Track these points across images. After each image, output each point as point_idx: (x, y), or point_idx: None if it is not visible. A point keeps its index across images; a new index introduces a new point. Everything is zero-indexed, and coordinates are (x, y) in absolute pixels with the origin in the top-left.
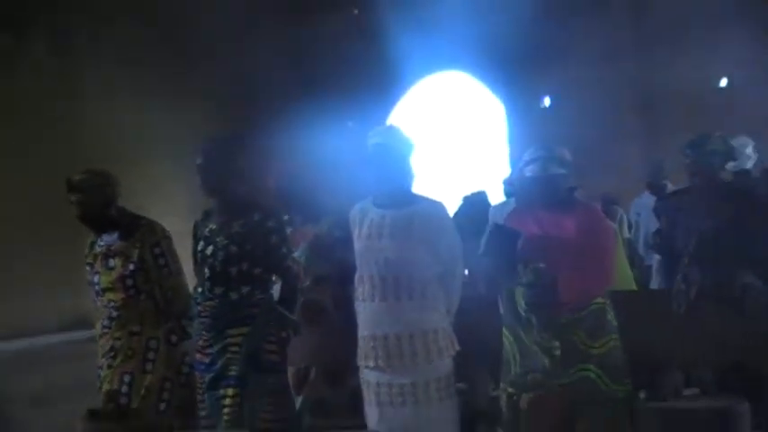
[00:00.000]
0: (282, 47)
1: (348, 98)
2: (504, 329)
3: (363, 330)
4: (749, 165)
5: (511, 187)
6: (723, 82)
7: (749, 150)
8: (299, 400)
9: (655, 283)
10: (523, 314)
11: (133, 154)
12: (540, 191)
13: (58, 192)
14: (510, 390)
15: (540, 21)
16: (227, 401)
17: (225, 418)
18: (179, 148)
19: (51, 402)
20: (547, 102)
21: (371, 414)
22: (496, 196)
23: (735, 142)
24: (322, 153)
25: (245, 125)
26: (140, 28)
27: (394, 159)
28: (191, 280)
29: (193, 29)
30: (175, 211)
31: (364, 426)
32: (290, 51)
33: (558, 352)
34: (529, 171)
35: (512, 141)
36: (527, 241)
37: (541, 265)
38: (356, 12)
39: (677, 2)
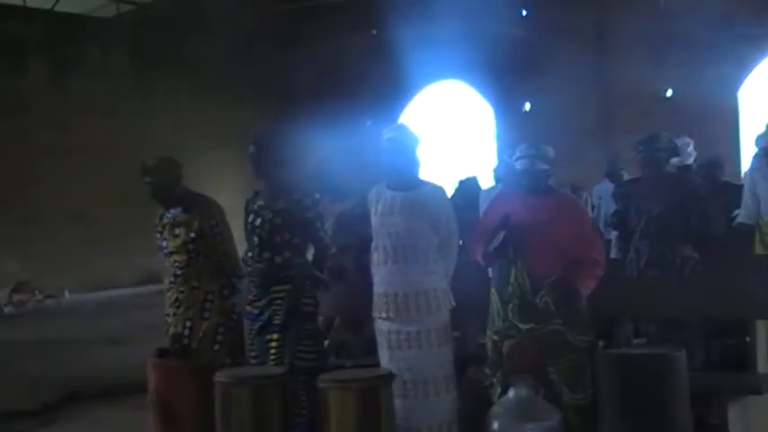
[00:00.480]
0: (315, 59)
1: (367, 102)
2: (492, 289)
3: (378, 288)
4: (690, 161)
5: (498, 175)
6: (669, 92)
7: (690, 149)
8: (325, 344)
9: (612, 254)
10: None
11: (192, 144)
12: (528, 182)
13: (134, 174)
14: (494, 337)
15: (522, 39)
16: (273, 344)
17: (271, 357)
18: (229, 140)
19: (126, 342)
20: (527, 106)
21: (383, 355)
22: (485, 181)
23: (678, 141)
24: (346, 145)
25: (286, 122)
26: (200, 41)
27: (404, 151)
28: (241, 246)
29: (243, 43)
30: (225, 190)
31: (377, 364)
32: (321, 63)
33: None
34: (520, 165)
35: (498, 137)
36: (515, 219)
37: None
38: (375, 32)
39: (632, 27)
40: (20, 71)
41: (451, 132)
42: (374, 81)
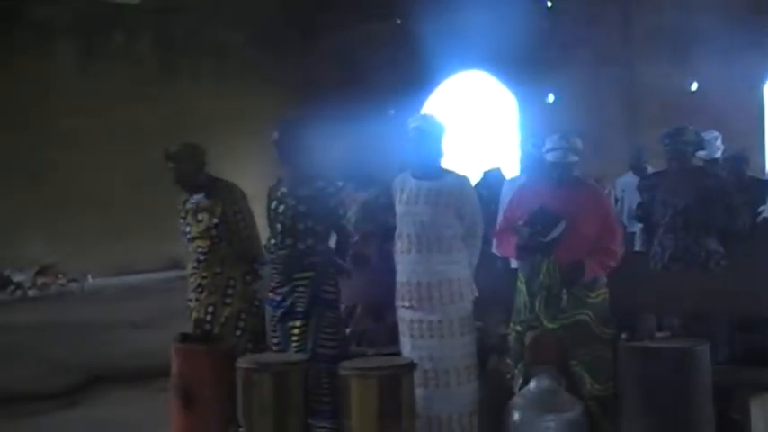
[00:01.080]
0: (339, 47)
1: (391, 91)
2: (519, 280)
3: (401, 277)
4: (718, 154)
5: (522, 165)
6: (694, 86)
7: (718, 142)
8: (346, 331)
9: (636, 247)
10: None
11: (217, 130)
12: (558, 174)
13: (158, 160)
14: (518, 328)
15: (547, 31)
16: (295, 331)
17: (293, 344)
18: (252, 127)
19: (148, 327)
20: (551, 98)
21: (405, 344)
22: (508, 171)
23: (706, 135)
24: (370, 134)
25: (309, 109)
26: (225, 28)
27: (429, 140)
28: (263, 233)
29: (266, 29)
30: (249, 177)
31: (399, 353)
32: (346, 52)
33: (565, 297)
34: (551, 157)
35: (522, 128)
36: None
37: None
38: (398, 21)
39: (657, 20)
40: (47, 56)
41: (475, 123)
42: (398, 70)
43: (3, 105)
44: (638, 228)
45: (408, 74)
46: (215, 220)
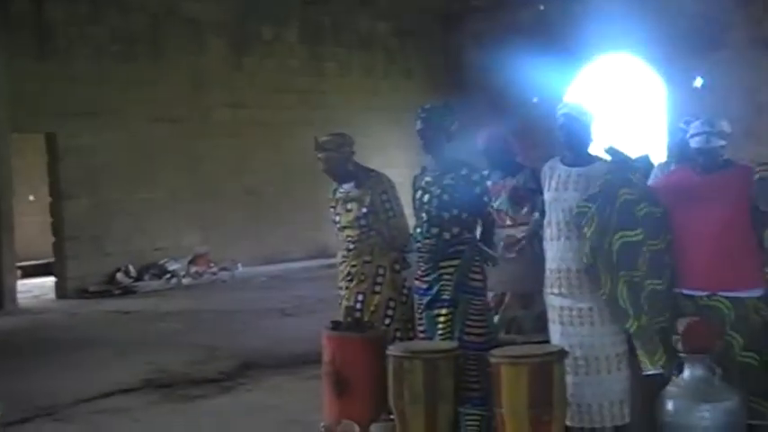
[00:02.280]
0: (483, 34)
1: (534, 77)
2: None
3: (550, 264)
4: None
5: (671, 150)
6: (698, 81)
7: None
8: (496, 319)
9: None
10: None
11: (362, 119)
12: (704, 160)
13: (305, 150)
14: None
15: (697, 13)
16: (441, 319)
17: (439, 332)
18: (398, 115)
19: (296, 314)
20: (699, 81)
21: (555, 331)
22: (657, 157)
23: None
24: (514, 121)
25: (453, 97)
26: (370, 17)
27: (578, 126)
28: (411, 222)
29: (411, 18)
30: (394, 166)
31: (548, 341)
32: (488, 38)
33: None
34: (695, 143)
35: (671, 112)
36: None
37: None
38: (542, 7)
39: None
40: (199, 50)
41: (622, 107)
42: (540, 56)
43: (157, 99)
44: None
45: (551, 59)
46: (364, 210)
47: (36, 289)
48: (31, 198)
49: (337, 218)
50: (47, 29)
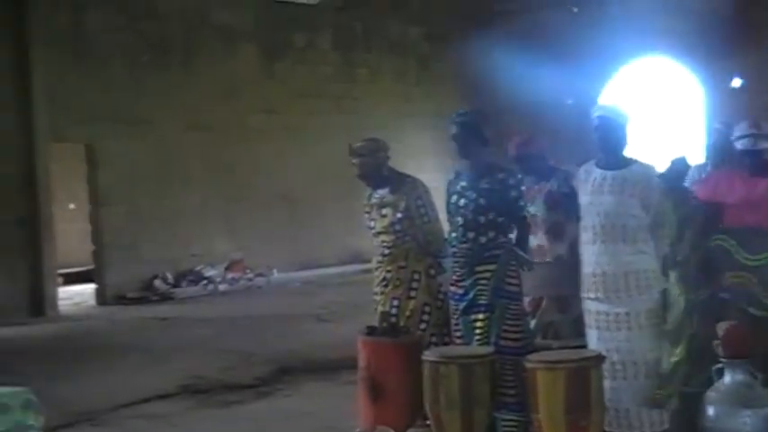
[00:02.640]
0: (515, 37)
1: (568, 80)
2: None
3: (586, 268)
4: None
5: (709, 152)
6: (737, 82)
7: None
8: (532, 323)
9: None
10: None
11: (394, 125)
12: (750, 161)
13: (339, 156)
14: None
15: (732, 14)
16: (478, 324)
17: (476, 338)
18: (429, 121)
19: (331, 320)
20: (737, 82)
21: (591, 336)
22: (694, 159)
23: None
24: (548, 124)
25: (487, 102)
26: (402, 23)
27: (614, 129)
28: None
29: (442, 23)
30: (426, 170)
31: (585, 346)
32: (521, 41)
33: None
34: (740, 144)
35: (708, 114)
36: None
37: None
38: (575, 10)
39: None
40: (232, 57)
41: (658, 109)
42: (575, 58)
43: (191, 106)
44: None
45: (584, 62)
46: (399, 215)
47: (76, 296)
48: (72, 206)
49: (372, 223)
50: (84, 39)
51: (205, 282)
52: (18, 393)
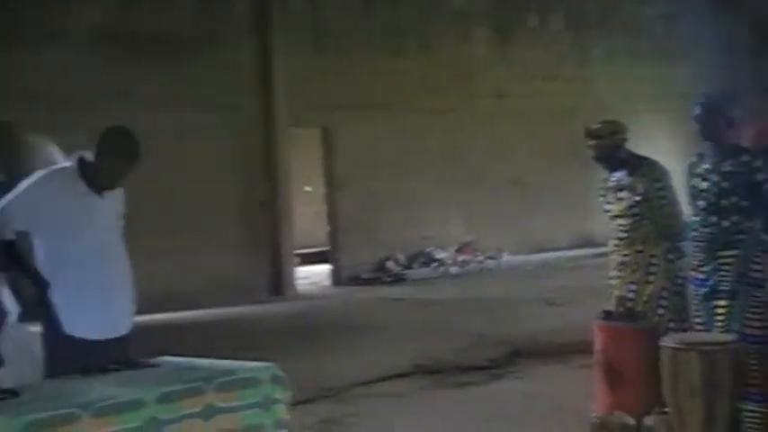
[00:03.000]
0: (758, 16)
1: None
2: None
3: None
4: None
5: None
6: None
7: None
8: None
9: None
10: None
11: (628, 106)
12: None
13: (571, 138)
14: None
15: None
16: (720, 311)
17: (718, 325)
18: (663, 102)
19: (561, 304)
20: None
21: None
22: None
23: None
24: None
25: (728, 82)
26: (640, 3)
27: None
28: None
29: (676, 4)
30: (662, 153)
31: None
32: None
33: None
34: None
35: None
36: None
37: None
38: None
39: None
40: (465, 40)
41: None
42: None
43: (424, 90)
44: None
45: None
46: (636, 198)
47: (313, 276)
48: (308, 189)
49: (608, 207)
50: (322, 26)
51: (436, 264)
52: (266, 368)
